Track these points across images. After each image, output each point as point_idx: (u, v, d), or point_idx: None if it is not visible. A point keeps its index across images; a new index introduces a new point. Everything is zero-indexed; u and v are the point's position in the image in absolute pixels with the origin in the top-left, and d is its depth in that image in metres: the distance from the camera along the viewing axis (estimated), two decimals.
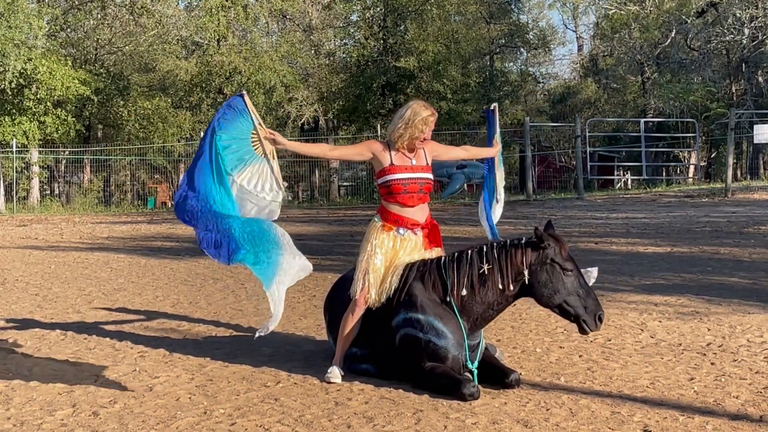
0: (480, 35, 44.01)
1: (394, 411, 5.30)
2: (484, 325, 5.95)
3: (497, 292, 5.80)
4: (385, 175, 6.12)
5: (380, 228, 6.14)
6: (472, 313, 5.83)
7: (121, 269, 12.95)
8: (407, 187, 6.09)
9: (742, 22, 38.73)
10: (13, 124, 31.88)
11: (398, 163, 6.12)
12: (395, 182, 6.08)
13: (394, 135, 6.13)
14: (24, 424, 5.15)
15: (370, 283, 6.00)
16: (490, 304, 5.83)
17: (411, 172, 6.12)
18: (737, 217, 18.58)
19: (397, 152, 6.15)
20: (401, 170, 6.10)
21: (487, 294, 5.81)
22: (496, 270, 5.80)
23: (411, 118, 6.05)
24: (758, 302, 8.91)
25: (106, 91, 35.91)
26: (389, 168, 6.11)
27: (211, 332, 8.00)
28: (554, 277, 5.73)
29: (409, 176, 6.11)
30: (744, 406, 5.35)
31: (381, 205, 6.25)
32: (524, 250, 5.80)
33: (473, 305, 5.82)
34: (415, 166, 6.16)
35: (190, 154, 37.65)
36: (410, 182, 6.10)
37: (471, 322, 5.84)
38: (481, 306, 5.82)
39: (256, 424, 5.06)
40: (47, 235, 19.34)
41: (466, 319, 5.83)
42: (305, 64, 40.02)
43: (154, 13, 35.31)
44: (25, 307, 9.45)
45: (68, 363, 6.71)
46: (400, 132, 6.09)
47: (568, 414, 5.20)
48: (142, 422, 5.14)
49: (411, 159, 6.17)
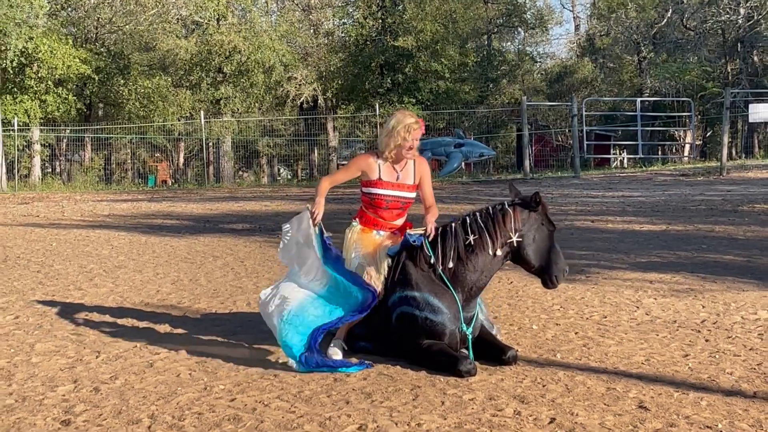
0: (478, 15, 43.87)
1: (392, 387, 5.30)
2: (479, 293, 5.96)
3: (488, 258, 5.85)
4: (370, 187, 6.17)
5: (359, 231, 6.25)
6: (466, 283, 5.85)
7: (121, 247, 12.94)
8: (389, 204, 6.19)
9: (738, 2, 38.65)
10: (15, 102, 31.82)
11: (386, 178, 6.16)
12: (378, 197, 6.16)
13: (381, 145, 6.19)
14: (26, 399, 5.14)
15: (373, 276, 6.02)
16: (482, 271, 5.87)
17: (396, 189, 6.18)
18: (732, 196, 18.59)
19: (385, 163, 6.18)
20: (387, 186, 6.16)
21: (477, 261, 5.85)
22: (486, 237, 5.84)
23: (394, 126, 6.10)
24: (752, 280, 8.91)
25: (106, 70, 35.84)
26: (376, 182, 6.16)
27: (211, 309, 8.00)
28: (540, 235, 5.88)
29: (393, 194, 6.17)
30: (738, 382, 5.35)
31: (360, 210, 6.35)
32: (512, 214, 5.88)
33: (466, 275, 5.84)
34: (401, 184, 6.19)
35: (190, 133, 37.68)
36: (393, 200, 6.19)
37: (466, 293, 5.86)
38: (474, 274, 5.85)
39: (255, 400, 5.05)
40: (48, 212, 19.32)
41: (461, 290, 5.84)
42: (304, 43, 39.92)
43: None
44: (27, 284, 9.44)
45: (69, 339, 6.70)
46: (386, 141, 6.14)
47: (564, 390, 5.20)
48: (143, 398, 5.14)
49: (398, 173, 6.18)
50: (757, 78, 40.09)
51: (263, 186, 32.43)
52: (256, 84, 36.08)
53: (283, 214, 17.91)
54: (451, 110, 37.63)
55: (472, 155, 26.76)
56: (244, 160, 48.50)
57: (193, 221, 16.85)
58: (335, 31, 42.43)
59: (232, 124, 35.65)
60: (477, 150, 26.83)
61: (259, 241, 13.43)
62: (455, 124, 38.02)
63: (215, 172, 35.42)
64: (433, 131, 38.05)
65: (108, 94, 38.18)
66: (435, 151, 27.44)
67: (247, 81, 35.98)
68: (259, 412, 4.83)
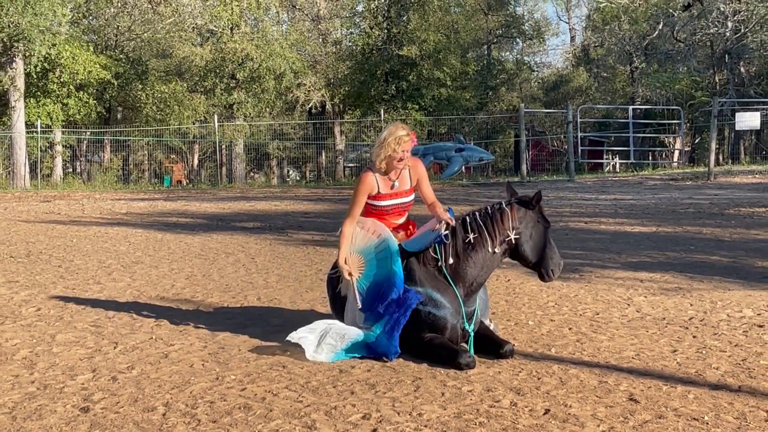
0: (478, 26, 43.93)
1: (395, 379, 5.30)
2: (478, 289, 5.94)
3: (487, 255, 5.85)
4: (371, 200, 6.11)
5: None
6: (467, 279, 5.84)
7: (138, 243, 12.95)
8: (390, 212, 6.14)
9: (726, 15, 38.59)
10: (38, 105, 31.86)
11: (383, 190, 6.09)
12: (379, 208, 6.11)
13: (374, 157, 6.10)
14: (47, 387, 5.15)
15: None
16: (482, 267, 5.86)
17: (394, 198, 6.12)
18: (719, 200, 18.56)
19: (381, 176, 6.10)
20: (385, 197, 6.10)
21: (477, 258, 5.85)
22: (485, 235, 5.85)
23: (385, 138, 6.00)
24: (738, 279, 8.90)
25: (125, 76, 35.85)
26: (376, 196, 6.09)
27: (223, 303, 8.00)
28: (536, 232, 5.89)
29: (392, 203, 6.12)
30: (723, 376, 5.35)
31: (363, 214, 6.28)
32: (510, 213, 5.88)
33: (467, 271, 5.84)
34: (399, 191, 6.13)
35: (204, 136, 37.71)
36: (393, 208, 6.13)
37: (466, 288, 5.85)
38: (474, 270, 5.85)
39: (265, 390, 5.05)
40: (69, 210, 19.33)
41: (462, 285, 5.84)
42: (313, 51, 39.94)
43: (171, 2, 35.25)
44: (49, 278, 9.45)
45: (89, 331, 6.71)
46: (377, 151, 6.05)
47: (558, 383, 5.19)
48: (158, 387, 5.14)
49: (394, 182, 6.12)
50: (744, 88, 40.04)
51: (273, 187, 32.43)
52: (267, 90, 36.10)
53: (291, 214, 17.93)
54: (453, 116, 37.62)
55: (472, 159, 26.70)
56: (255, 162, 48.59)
57: (207, 219, 16.85)
58: (343, 40, 42.45)
59: (244, 128, 35.66)
60: (477, 154, 26.78)
61: (269, 238, 13.43)
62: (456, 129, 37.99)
63: (228, 173, 35.43)
64: (435, 136, 38.12)
65: (126, 98, 38.19)
66: (437, 155, 27.43)
67: (259, 87, 35.99)
68: (268, 401, 4.84)
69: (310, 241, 13.03)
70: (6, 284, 9.02)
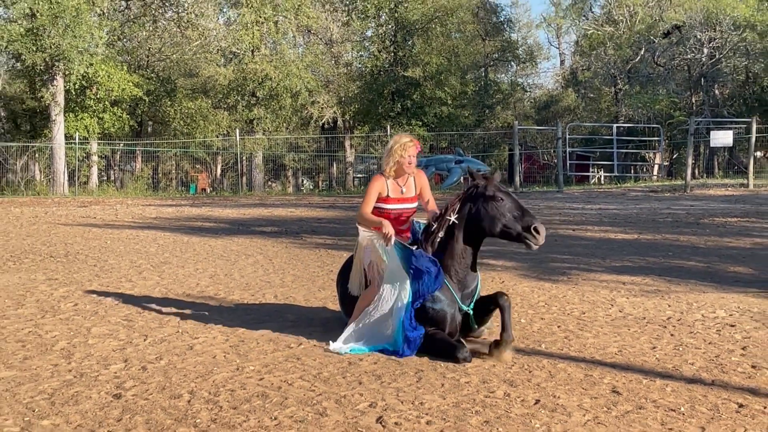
0: (477, 50, 43.99)
1: (399, 370, 5.30)
2: (466, 272, 5.82)
3: (456, 244, 5.76)
4: (380, 202, 6.14)
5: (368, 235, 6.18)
6: (451, 270, 5.80)
7: (166, 245, 12.96)
8: (396, 217, 6.15)
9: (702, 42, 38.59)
10: (76, 119, 31.93)
11: (393, 194, 6.14)
12: (388, 211, 6.13)
13: (384, 165, 6.18)
14: (83, 375, 5.16)
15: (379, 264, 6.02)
16: (460, 255, 5.78)
17: (402, 203, 6.16)
18: (695, 210, 18.53)
19: (390, 181, 6.15)
20: (394, 201, 6.14)
21: (451, 249, 5.77)
22: (438, 227, 5.83)
23: (392, 146, 6.12)
24: (712, 283, 8.88)
25: (155, 93, 35.93)
26: (385, 199, 6.13)
27: (243, 300, 8.01)
28: (489, 209, 5.66)
29: (400, 207, 6.15)
30: (698, 371, 5.34)
31: None
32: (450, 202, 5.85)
33: (448, 263, 5.79)
34: (406, 197, 6.18)
35: (227, 148, 37.79)
36: (398, 212, 6.16)
37: (454, 276, 5.81)
38: (450, 259, 5.79)
39: (281, 380, 5.06)
40: (104, 215, 19.37)
41: (449, 276, 5.80)
42: (326, 72, 40.00)
43: (198, 27, 35.25)
44: (85, 276, 9.47)
45: (121, 324, 6.72)
46: (387, 160, 6.14)
47: (548, 376, 5.19)
48: (184, 376, 5.15)
49: (402, 187, 6.17)
50: (718, 108, 40.00)
51: (289, 195, 32.46)
52: (284, 106, 36.11)
53: (306, 219, 17.94)
54: (453, 132, 37.68)
55: None
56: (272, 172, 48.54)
57: (228, 224, 16.86)
58: (353, 62, 42.49)
59: (263, 141, 35.68)
60: (474, 166, 26.76)
61: (285, 242, 13.43)
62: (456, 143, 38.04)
63: (248, 182, 35.44)
64: (436, 150, 38.14)
65: (156, 113, 38.26)
66: (438, 166, 27.50)
67: (277, 104, 36.01)
68: (284, 390, 4.84)
69: (322, 244, 13.04)
70: (46, 281, 9.04)
